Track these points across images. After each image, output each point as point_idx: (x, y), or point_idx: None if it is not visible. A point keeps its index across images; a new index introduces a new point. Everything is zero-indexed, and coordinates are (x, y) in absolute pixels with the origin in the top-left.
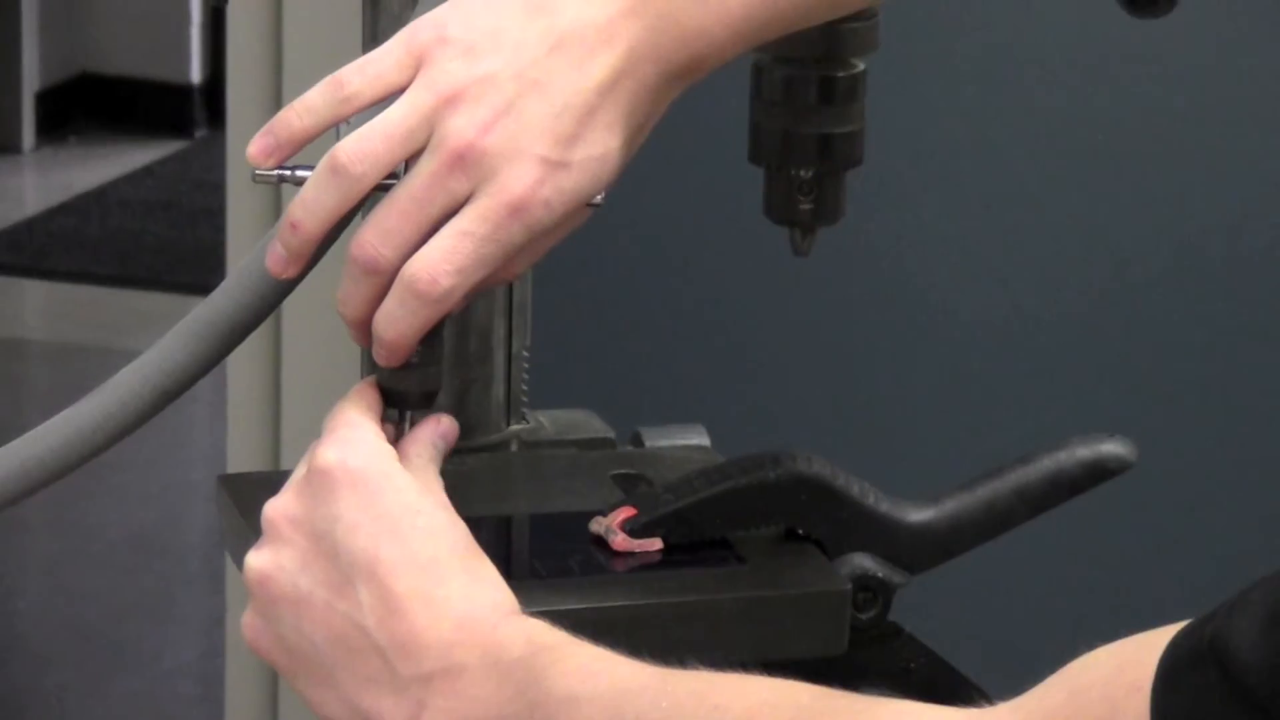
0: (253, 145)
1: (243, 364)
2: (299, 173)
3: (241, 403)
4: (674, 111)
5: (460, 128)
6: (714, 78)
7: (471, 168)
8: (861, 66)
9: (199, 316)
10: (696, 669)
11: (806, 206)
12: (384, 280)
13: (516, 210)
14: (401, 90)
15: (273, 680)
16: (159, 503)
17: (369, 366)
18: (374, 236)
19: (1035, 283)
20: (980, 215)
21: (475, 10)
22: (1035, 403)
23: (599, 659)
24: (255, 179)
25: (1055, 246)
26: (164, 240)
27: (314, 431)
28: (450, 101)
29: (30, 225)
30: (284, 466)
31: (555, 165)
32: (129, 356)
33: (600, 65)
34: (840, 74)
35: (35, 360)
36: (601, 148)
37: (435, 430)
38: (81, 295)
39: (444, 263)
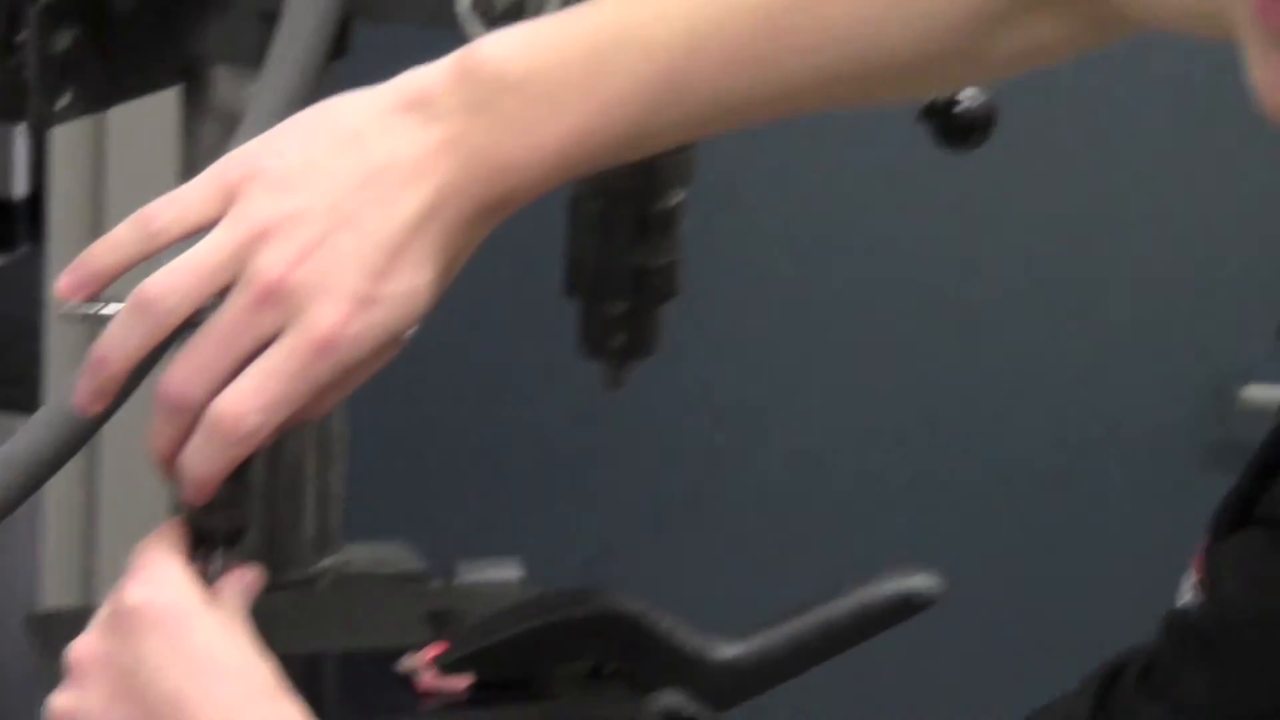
0: (60, 280)
1: (60, 491)
2: (109, 309)
3: (55, 533)
4: (491, 241)
5: (269, 263)
6: (533, 209)
7: (280, 303)
8: (680, 197)
9: (9, 452)
10: None
11: (619, 341)
12: (190, 417)
13: (325, 348)
14: (211, 225)
15: None
16: None
17: (178, 504)
18: (181, 374)
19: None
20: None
21: (287, 145)
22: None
23: None
24: (62, 315)
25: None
26: None
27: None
28: (260, 237)
29: None
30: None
31: (365, 301)
32: None
33: (410, 201)
34: (657, 207)
35: None
36: (411, 283)
37: (240, 583)
38: None
39: (250, 401)
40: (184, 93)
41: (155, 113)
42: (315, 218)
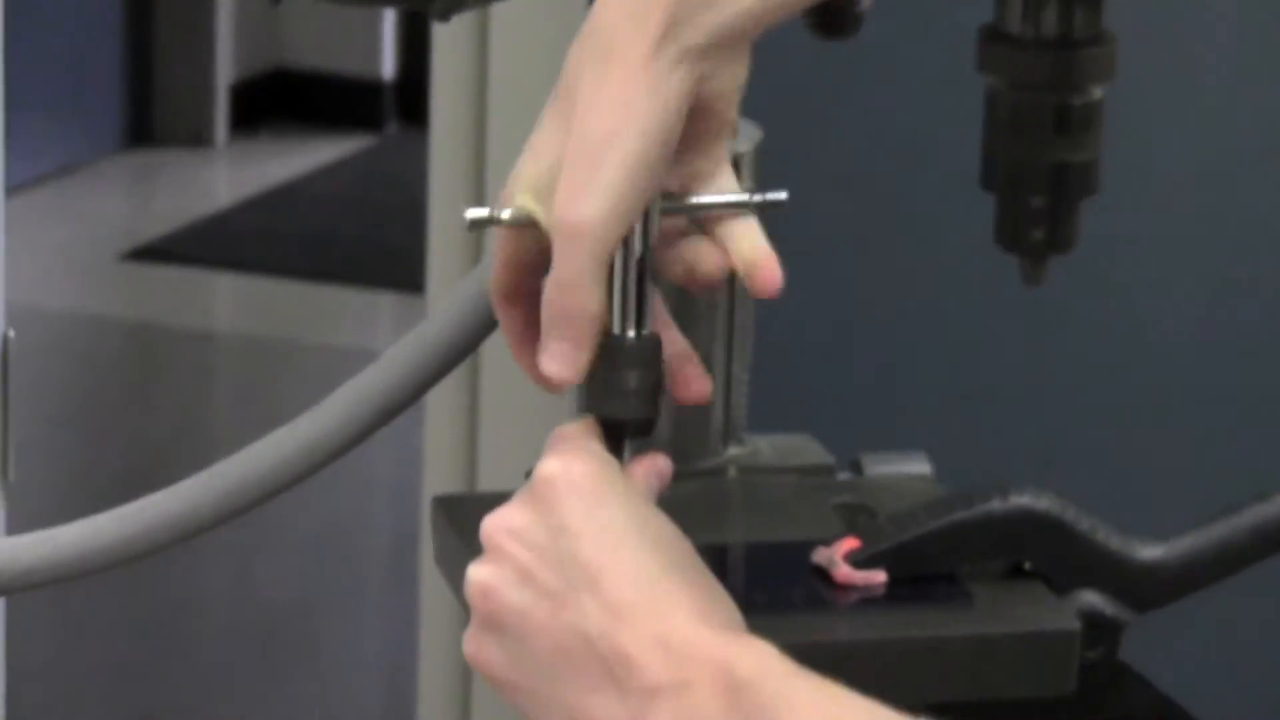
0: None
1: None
2: (506, 214)
3: (438, 415)
4: (905, 140)
5: None
6: (948, 103)
7: None
8: (1100, 94)
9: (421, 334)
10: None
11: (1038, 235)
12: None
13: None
14: None
15: (465, 685)
16: (345, 497)
17: (585, 400)
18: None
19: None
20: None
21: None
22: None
23: (833, 700)
24: (470, 220)
25: None
26: (354, 235)
27: (510, 435)
28: None
29: (222, 218)
30: (481, 475)
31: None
32: (316, 350)
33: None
34: (1076, 101)
35: (223, 353)
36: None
37: (651, 468)
38: (271, 289)
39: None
40: None
41: None
42: None
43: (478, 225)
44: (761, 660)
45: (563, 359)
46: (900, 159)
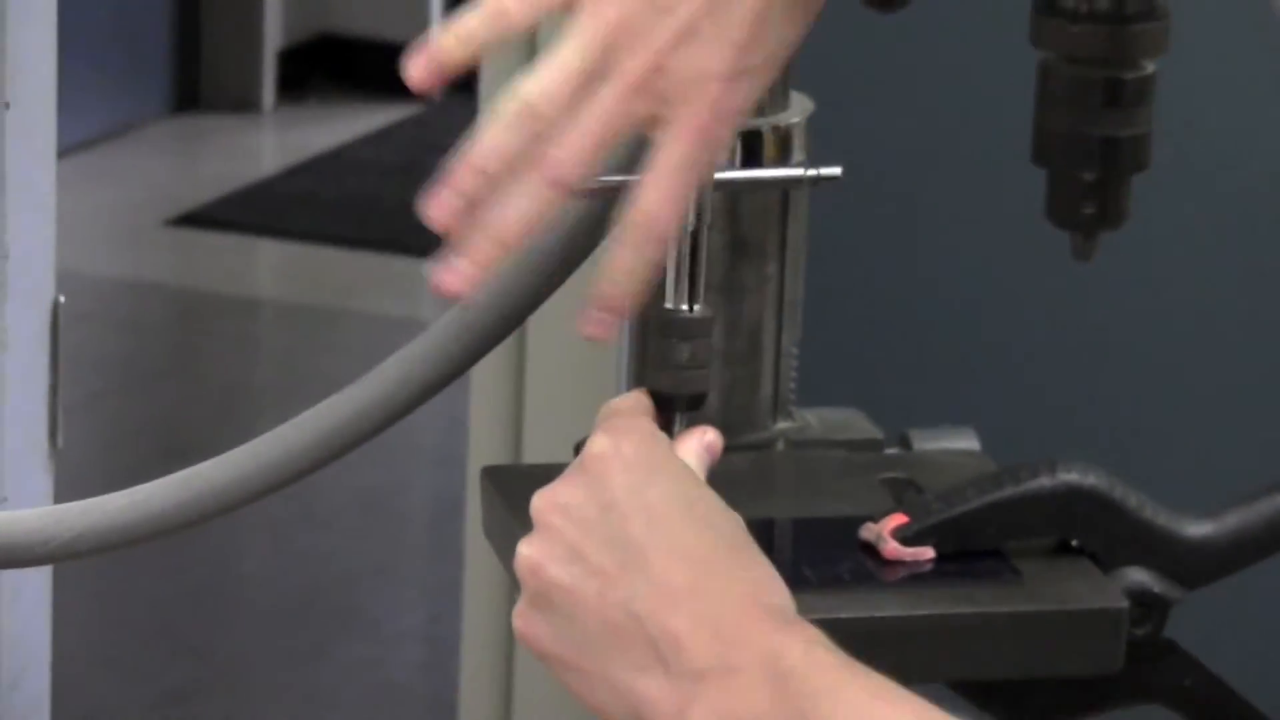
0: (409, 68)
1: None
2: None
3: (484, 385)
4: (956, 114)
5: (639, 59)
6: (1000, 76)
7: (652, 91)
8: (1152, 69)
9: (470, 305)
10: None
11: (1089, 210)
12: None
13: (708, 132)
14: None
15: (509, 657)
16: (387, 465)
17: (636, 376)
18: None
19: None
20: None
21: None
22: None
23: (879, 696)
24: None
25: None
26: (400, 203)
27: (556, 406)
28: (621, 30)
29: (268, 184)
30: (526, 447)
31: (734, 76)
32: (361, 318)
33: None
34: (1128, 76)
35: (268, 319)
36: (772, 48)
37: (701, 441)
38: (316, 256)
39: (662, 199)
40: None
41: None
42: (677, 7)
43: None
44: (809, 650)
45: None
46: (951, 133)
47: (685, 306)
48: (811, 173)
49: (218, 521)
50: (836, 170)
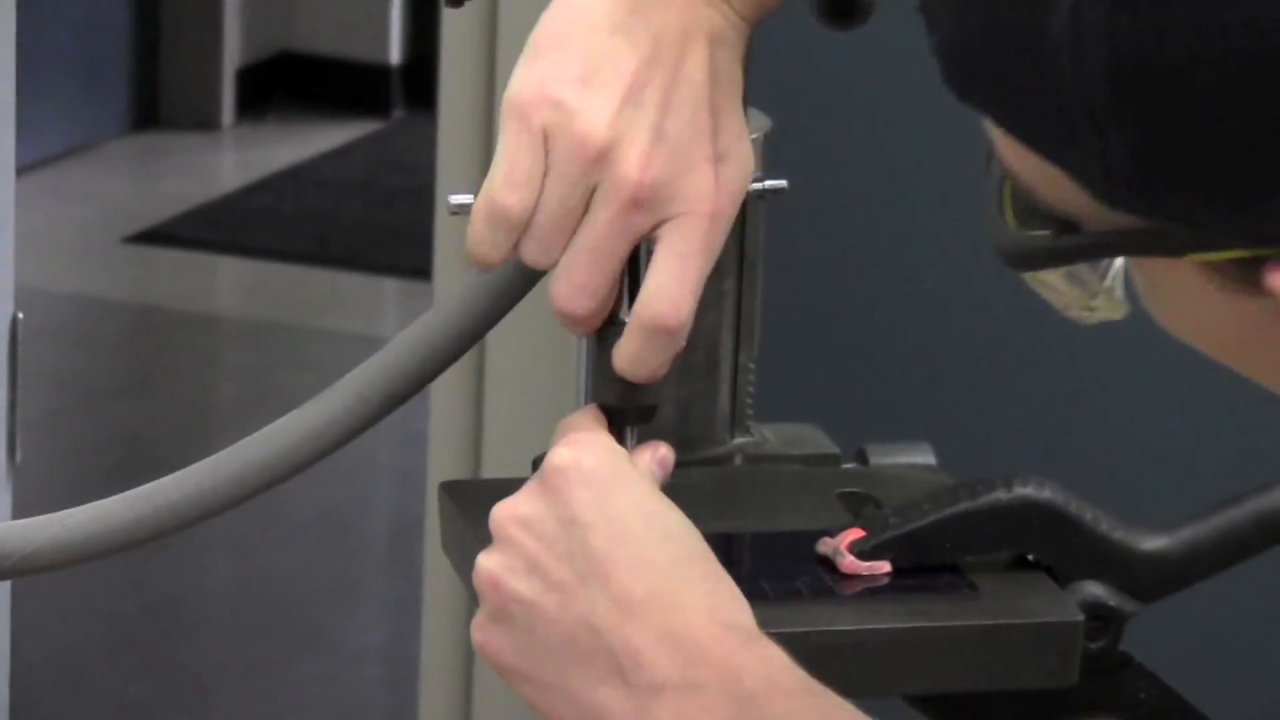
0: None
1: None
2: None
3: (444, 401)
4: (911, 130)
5: (624, 173)
6: None
7: (646, 204)
8: None
9: (429, 321)
10: None
11: None
12: (591, 327)
13: (714, 218)
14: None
15: (467, 673)
16: (346, 483)
17: (588, 389)
18: (569, 292)
19: None
20: None
21: (569, 65)
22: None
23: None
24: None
25: None
26: (360, 220)
27: (515, 422)
28: (602, 155)
29: (227, 202)
30: (486, 462)
31: (717, 160)
32: (321, 335)
33: (698, 63)
34: None
35: (227, 336)
36: (742, 123)
37: (654, 456)
38: (275, 273)
39: (679, 296)
40: None
41: None
42: (640, 116)
43: (461, 211)
44: (770, 672)
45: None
46: (905, 149)
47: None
48: (757, 186)
49: (178, 538)
50: (782, 183)
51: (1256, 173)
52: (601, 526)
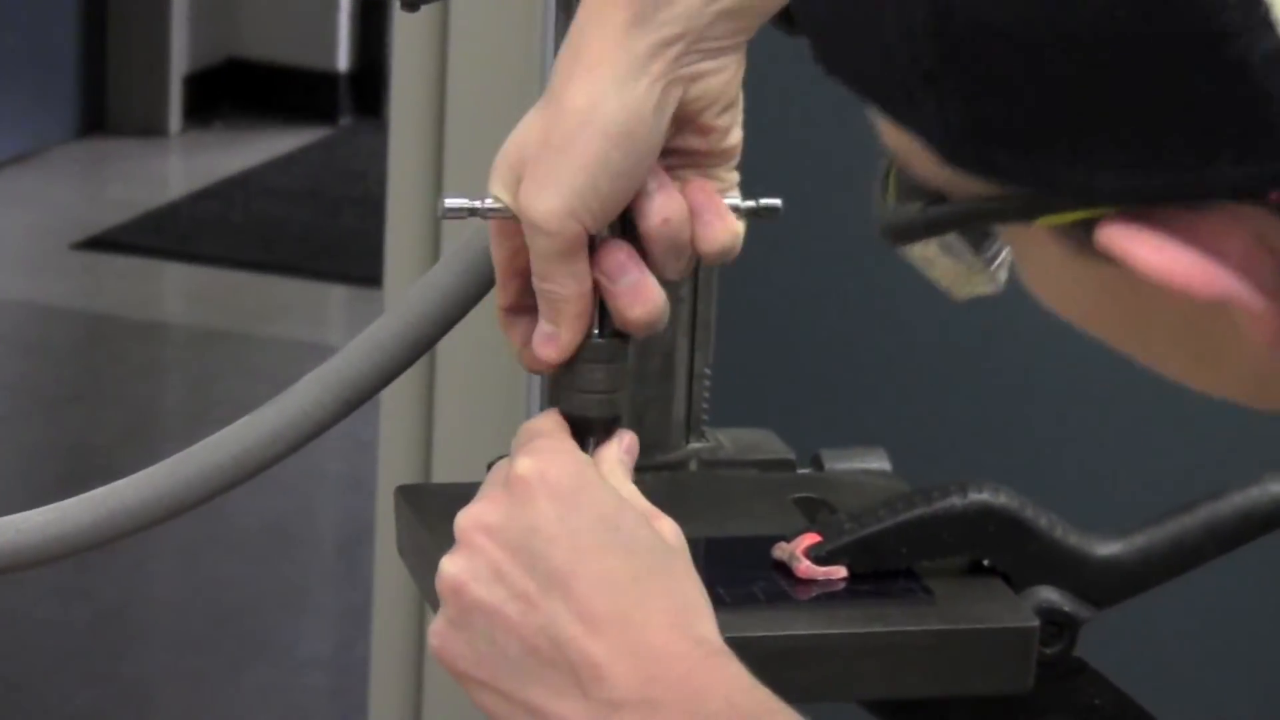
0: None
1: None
2: (488, 202)
3: (394, 407)
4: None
5: None
6: None
7: None
8: None
9: (382, 328)
10: None
11: None
12: None
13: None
14: None
15: (417, 682)
16: (295, 492)
17: (550, 398)
18: None
19: None
20: None
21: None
22: (1229, 438)
23: None
24: (444, 213)
25: None
26: (307, 227)
27: (466, 428)
28: None
29: (174, 209)
30: (436, 468)
31: None
32: (269, 343)
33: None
34: None
35: (175, 343)
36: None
37: (620, 447)
38: (223, 280)
39: None
40: None
41: None
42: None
43: (453, 214)
44: (730, 693)
45: (547, 340)
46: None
47: (596, 331)
48: (750, 203)
49: (126, 546)
50: (777, 201)
51: (1079, 128)
52: (564, 540)
